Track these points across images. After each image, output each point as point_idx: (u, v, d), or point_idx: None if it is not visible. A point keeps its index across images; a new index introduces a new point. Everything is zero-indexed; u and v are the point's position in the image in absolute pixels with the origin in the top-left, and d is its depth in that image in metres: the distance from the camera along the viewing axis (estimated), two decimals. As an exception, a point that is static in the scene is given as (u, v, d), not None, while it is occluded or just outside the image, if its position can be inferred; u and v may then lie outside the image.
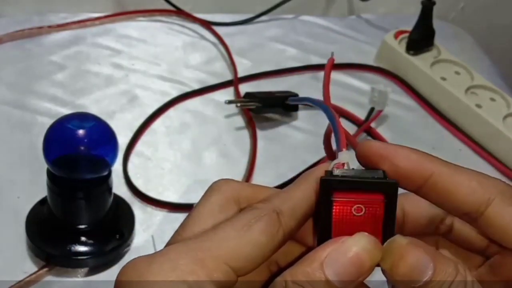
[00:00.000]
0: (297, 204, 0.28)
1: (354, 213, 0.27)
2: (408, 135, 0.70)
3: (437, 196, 0.28)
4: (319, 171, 0.29)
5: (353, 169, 0.29)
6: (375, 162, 0.28)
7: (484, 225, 0.28)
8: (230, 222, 0.27)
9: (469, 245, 0.31)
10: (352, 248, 0.26)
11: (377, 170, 0.28)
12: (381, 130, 0.70)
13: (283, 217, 0.27)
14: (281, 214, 0.27)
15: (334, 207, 0.27)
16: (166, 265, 0.25)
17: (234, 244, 0.26)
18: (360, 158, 0.29)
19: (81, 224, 0.52)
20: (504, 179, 0.65)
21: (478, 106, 0.70)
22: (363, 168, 0.29)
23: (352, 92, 0.75)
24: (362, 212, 0.27)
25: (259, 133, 0.68)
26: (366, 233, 0.26)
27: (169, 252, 0.26)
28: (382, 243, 0.27)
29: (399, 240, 0.26)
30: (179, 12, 0.84)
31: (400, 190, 0.28)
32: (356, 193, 0.27)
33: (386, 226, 0.27)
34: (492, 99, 0.72)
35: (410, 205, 0.31)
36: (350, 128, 0.70)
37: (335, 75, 0.77)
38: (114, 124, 0.52)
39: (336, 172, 0.28)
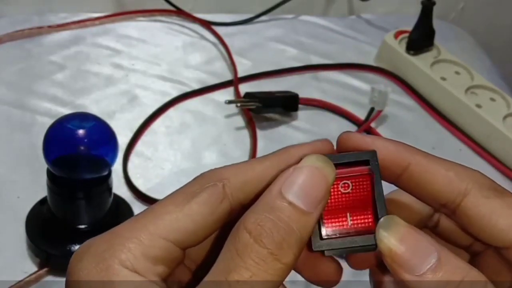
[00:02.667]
0: (251, 177, 0.27)
1: (342, 190, 0.27)
2: (408, 135, 0.70)
3: (415, 186, 0.28)
4: (293, 149, 0.28)
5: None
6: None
7: (462, 218, 0.27)
8: (171, 196, 0.26)
9: (455, 241, 0.31)
10: (304, 169, 0.25)
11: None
12: (381, 130, 0.70)
13: (230, 188, 0.26)
14: (229, 185, 0.26)
15: None
16: (102, 247, 0.25)
17: (171, 218, 0.25)
18: (340, 149, 0.28)
19: (81, 224, 0.52)
20: (504, 179, 0.65)
21: (478, 106, 0.70)
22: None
23: (352, 92, 0.75)
24: (349, 189, 0.27)
25: (259, 133, 0.68)
26: (314, 154, 0.26)
27: (106, 234, 0.26)
28: (375, 220, 0.27)
29: (397, 220, 0.26)
30: (179, 12, 0.84)
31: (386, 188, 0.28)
32: (340, 168, 0.27)
33: (377, 201, 0.27)
34: (492, 99, 0.72)
35: (398, 203, 0.31)
36: (350, 128, 0.70)
37: (335, 75, 0.77)
38: (114, 124, 0.52)
39: None
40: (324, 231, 0.27)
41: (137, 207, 0.58)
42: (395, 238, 0.25)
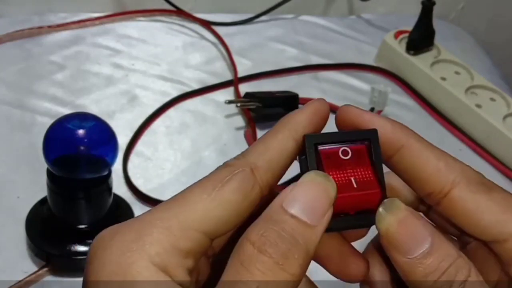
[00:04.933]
0: (274, 155, 0.27)
1: (342, 156, 0.27)
2: (408, 135, 0.70)
3: (404, 170, 0.28)
4: (298, 117, 0.28)
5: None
6: (351, 128, 0.28)
7: (446, 210, 0.27)
8: (200, 184, 0.25)
9: (445, 230, 0.30)
10: (303, 184, 0.25)
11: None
12: (381, 130, 0.70)
13: (258, 172, 0.26)
14: (256, 169, 0.26)
15: (321, 155, 0.27)
16: (129, 236, 0.24)
17: (203, 207, 0.25)
18: (338, 122, 0.29)
19: (81, 224, 0.52)
20: (504, 179, 0.65)
21: (478, 106, 0.70)
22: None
23: (352, 92, 0.75)
24: (349, 156, 0.27)
25: (259, 133, 0.68)
26: (313, 170, 0.26)
27: (134, 222, 0.25)
28: (379, 186, 0.27)
29: (398, 203, 0.26)
30: (179, 12, 0.84)
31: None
32: (341, 143, 0.27)
33: (376, 169, 0.27)
34: (492, 99, 0.72)
35: (391, 186, 0.31)
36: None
37: (335, 75, 0.77)
38: (114, 124, 0.52)
39: None
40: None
41: (137, 207, 0.58)
42: (394, 220, 0.26)
